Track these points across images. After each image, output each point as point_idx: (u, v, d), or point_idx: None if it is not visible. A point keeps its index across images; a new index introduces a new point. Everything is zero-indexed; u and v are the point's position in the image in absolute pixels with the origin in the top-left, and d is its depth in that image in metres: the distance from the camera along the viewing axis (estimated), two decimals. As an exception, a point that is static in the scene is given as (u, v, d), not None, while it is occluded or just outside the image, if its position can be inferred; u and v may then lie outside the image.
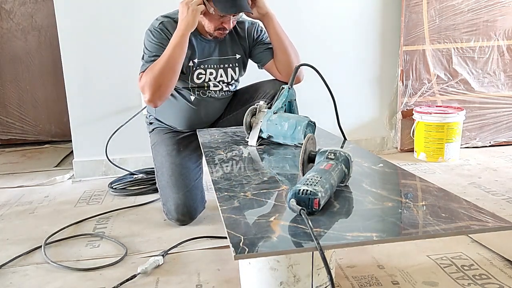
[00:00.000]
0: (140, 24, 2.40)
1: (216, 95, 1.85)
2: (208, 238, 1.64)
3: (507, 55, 2.68)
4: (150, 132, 1.99)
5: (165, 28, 1.71)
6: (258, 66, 1.90)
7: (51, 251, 1.59)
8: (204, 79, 1.81)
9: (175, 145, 1.84)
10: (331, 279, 0.77)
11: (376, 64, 2.69)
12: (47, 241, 1.64)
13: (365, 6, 2.61)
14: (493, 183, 2.13)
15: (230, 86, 1.88)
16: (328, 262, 1.02)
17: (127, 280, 1.35)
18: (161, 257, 1.47)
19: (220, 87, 1.85)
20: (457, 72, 2.67)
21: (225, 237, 1.00)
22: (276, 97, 1.51)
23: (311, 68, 1.52)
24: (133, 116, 2.39)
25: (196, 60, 1.77)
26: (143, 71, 1.69)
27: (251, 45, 1.86)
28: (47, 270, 1.46)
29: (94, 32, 2.37)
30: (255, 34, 1.86)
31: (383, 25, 2.65)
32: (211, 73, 1.81)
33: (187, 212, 1.74)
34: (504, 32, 2.65)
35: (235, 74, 1.86)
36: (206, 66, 1.79)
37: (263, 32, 1.86)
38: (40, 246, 1.60)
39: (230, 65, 1.84)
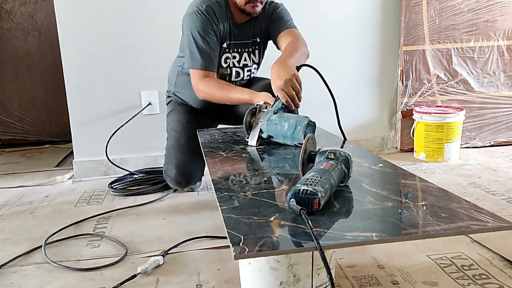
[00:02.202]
0: (140, 24, 2.40)
1: (236, 83, 1.88)
2: (208, 238, 1.64)
3: (507, 55, 2.68)
4: (167, 104, 2.09)
5: (211, 10, 1.72)
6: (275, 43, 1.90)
7: (51, 251, 1.59)
8: (229, 64, 1.84)
9: (188, 114, 1.94)
10: (331, 279, 0.78)
11: (376, 64, 2.69)
12: (47, 241, 1.64)
13: (365, 6, 2.61)
14: (493, 183, 2.13)
15: (250, 72, 1.92)
16: (328, 262, 1.02)
17: (127, 280, 1.35)
18: (161, 257, 1.47)
19: (242, 76, 1.89)
20: (457, 72, 2.67)
21: (225, 237, 1.00)
22: (276, 97, 1.51)
23: (311, 69, 1.52)
24: (133, 116, 2.40)
25: (228, 43, 1.81)
26: (201, 69, 1.72)
27: (268, 24, 1.87)
28: (47, 270, 1.46)
29: (94, 32, 2.37)
30: (270, 11, 1.86)
31: (383, 25, 2.65)
32: (234, 57, 1.84)
33: (185, 173, 1.85)
34: (504, 32, 2.65)
35: (256, 57, 1.90)
36: (231, 49, 1.83)
37: (279, 9, 1.86)
38: (40, 246, 1.60)
39: (252, 48, 1.87)
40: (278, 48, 1.85)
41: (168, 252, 1.53)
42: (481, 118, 2.73)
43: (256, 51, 1.90)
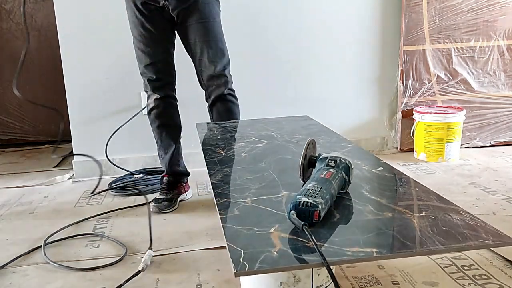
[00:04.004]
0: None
1: None
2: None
3: (507, 55, 2.68)
4: None
5: None
6: None
7: (51, 251, 1.59)
8: None
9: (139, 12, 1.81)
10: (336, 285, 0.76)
11: (376, 64, 2.69)
12: (47, 241, 1.64)
13: (365, 6, 2.61)
14: (493, 183, 2.13)
15: None
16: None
17: (131, 278, 1.36)
18: (149, 250, 1.50)
19: None
20: (457, 72, 2.66)
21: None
22: None
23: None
24: (133, 116, 2.39)
25: None
26: None
27: None
28: (47, 270, 1.46)
29: (94, 32, 2.37)
30: None
31: (383, 25, 2.65)
32: None
33: (157, 86, 1.87)
34: (504, 32, 2.65)
35: None
36: None
37: None
38: (40, 246, 1.60)
39: None
40: None
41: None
42: (482, 118, 2.73)
43: None
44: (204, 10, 1.79)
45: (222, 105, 1.88)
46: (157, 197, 1.97)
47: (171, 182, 2.00)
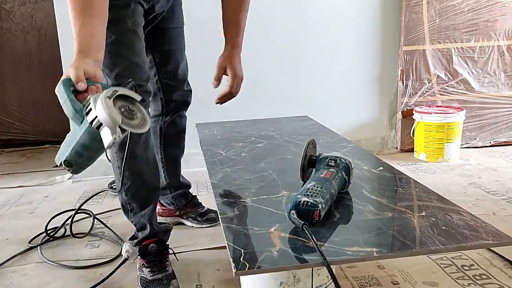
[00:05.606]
0: (140, 24, 2.39)
1: None
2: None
3: (507, 55, 2.68)
4: None
5: None
6: None
7: (51, 251, 1.59)
8: None
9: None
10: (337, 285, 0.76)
11: (376, 64, 2.69)
12: (44, 240, 1.65)
13: (365, 6, 2.61)
14: (493, 183, 2.13)
15: None
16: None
17: (119, 266, 1.40)
18: (126, 243, 1.52)
19: None
20: (457, 72, 2.66)
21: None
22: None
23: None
24: (133, 116, 2.39)
25: None
26: None
27: None
28: (47, 270, 1.46)
29: (94, 32, 2.36)
30: None
31: (383, 25, 2.64)
32: None
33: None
34: (504, 32, 2.65)
35: None
36: None
37: None
38: (37, 246, 1.61)
39: None
40: None
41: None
42: (482, 118, 2.72)
43: None
44: (180, 14, 1.54)
45: (181, 123, 1.63)
46: None
47: None
